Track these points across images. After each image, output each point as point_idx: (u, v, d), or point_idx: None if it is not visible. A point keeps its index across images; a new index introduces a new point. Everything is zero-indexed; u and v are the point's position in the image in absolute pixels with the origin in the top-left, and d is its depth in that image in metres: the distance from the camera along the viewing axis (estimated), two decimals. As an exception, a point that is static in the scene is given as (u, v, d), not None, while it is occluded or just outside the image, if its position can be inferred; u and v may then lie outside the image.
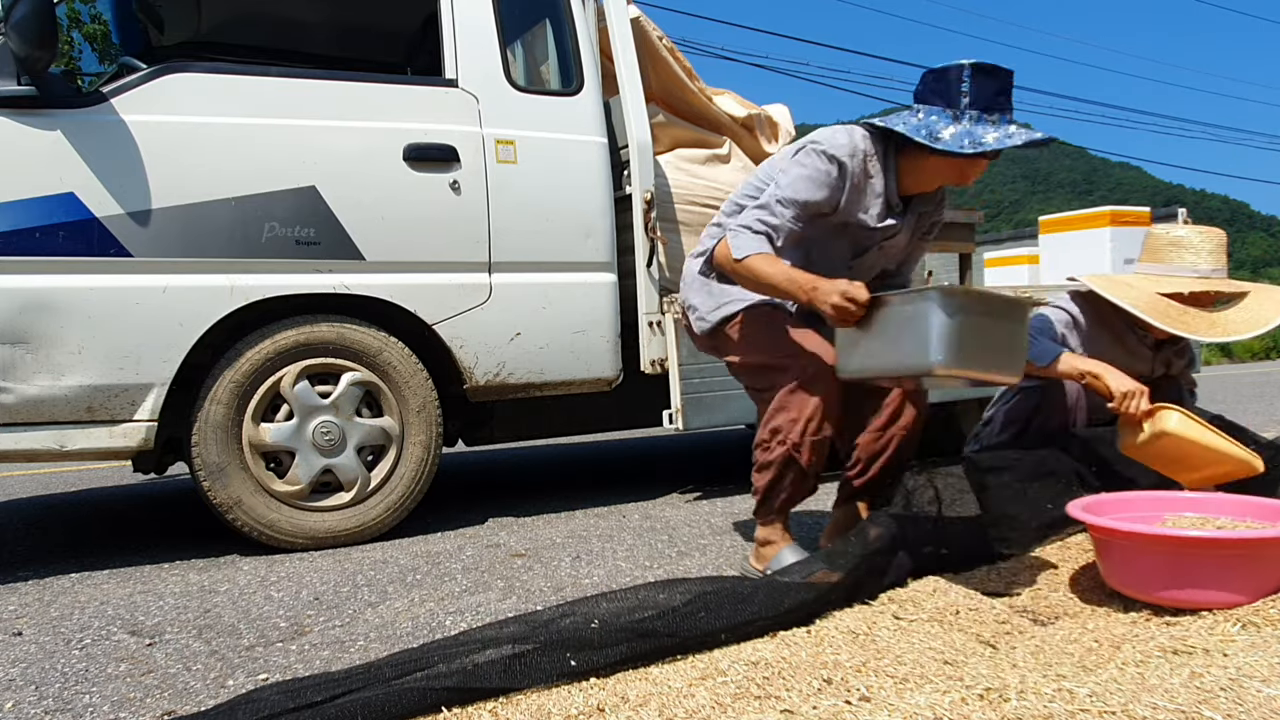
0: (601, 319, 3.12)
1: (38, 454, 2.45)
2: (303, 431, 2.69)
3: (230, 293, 2.60)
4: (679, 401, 3.07)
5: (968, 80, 1.89)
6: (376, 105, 2.82)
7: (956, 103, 1.90)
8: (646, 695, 1.37)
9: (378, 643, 1.85)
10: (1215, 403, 6.70)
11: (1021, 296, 2.06)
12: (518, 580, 2.30)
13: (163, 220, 2.52)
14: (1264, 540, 1.63)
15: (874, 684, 1.38)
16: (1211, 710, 1.21)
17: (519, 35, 3.36)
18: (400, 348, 2.82)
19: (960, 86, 1.90)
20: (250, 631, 1.96)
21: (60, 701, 1.59)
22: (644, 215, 3.13)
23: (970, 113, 1.89)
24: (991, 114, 1.88)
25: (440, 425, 2.91)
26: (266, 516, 2.66)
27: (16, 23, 2.29)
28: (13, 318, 2.37)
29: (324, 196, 2.69)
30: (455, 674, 1.37)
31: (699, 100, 3.65)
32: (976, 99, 1.88)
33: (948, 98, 1.91)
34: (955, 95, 1.90)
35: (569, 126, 3.09)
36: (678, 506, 3.27)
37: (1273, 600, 1.68)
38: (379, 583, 2.33)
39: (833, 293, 1.83)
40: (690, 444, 5.42)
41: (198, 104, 2.60)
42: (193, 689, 1.62)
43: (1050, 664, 1.45)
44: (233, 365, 2.61)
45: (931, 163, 1.99)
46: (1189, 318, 2.16)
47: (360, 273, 2.76)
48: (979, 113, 1.88)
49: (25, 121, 2.40)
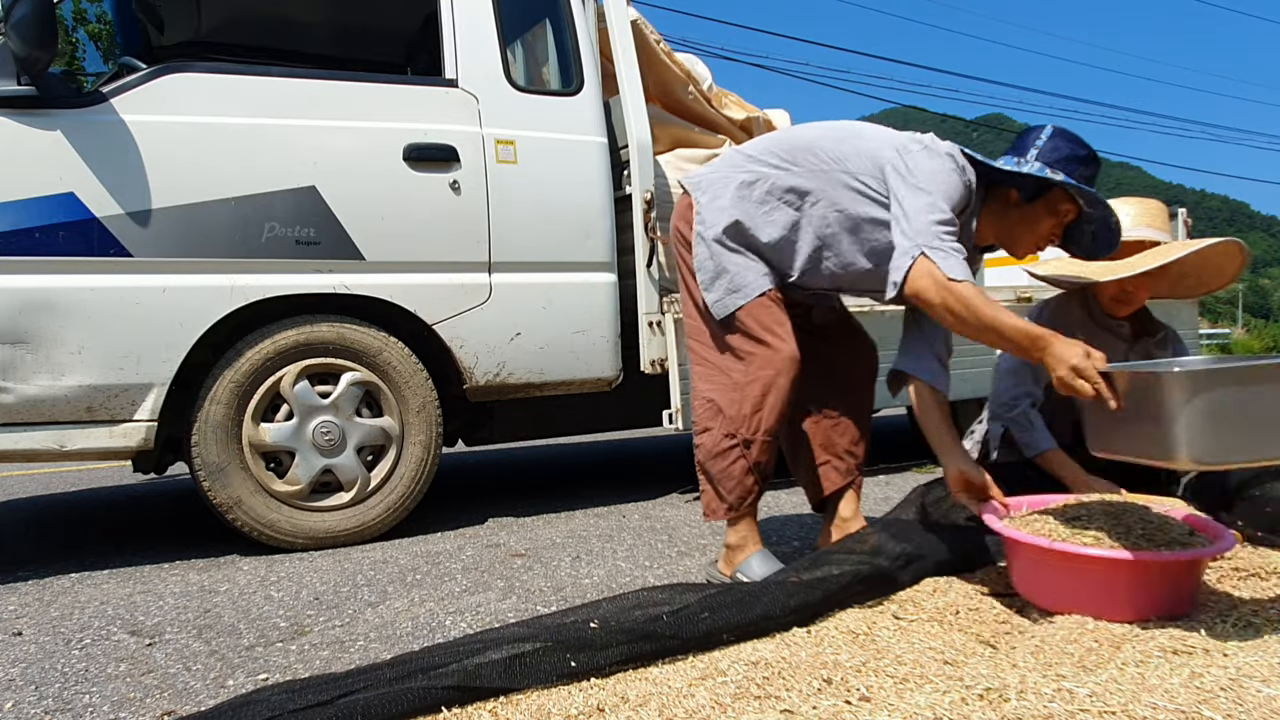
0: (601, 319, 3.12)
1: (38, 454, 2.45)
2: (303, 431, 2.69)
3: (230, 293, 2.59)
4: (679, 401, 3.07)
5: (1046, 137, 1.91)
6: (376, 105, 2.82)
7: (1025, 153, 1.92)
8: (646, 695, 1.37)
9: (378, 643, 1.85)
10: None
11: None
12: (518, 580, 2.30)
13: (163, 220, 2.52)
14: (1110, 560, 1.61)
15: (874, 684, 1.38)
16: (1211, 710, 1.21)
17: (519, 35, 3.36)
18: (400, 348, 2.82)
19: (1036, 140, 1.92)
20: (250, 631, 1.96)
21: (60, 701, 1.59)
22: (644, 215, 3.13)
23: (1034, 164, 1.89)
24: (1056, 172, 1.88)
25: (440, 425, 2.91)
26: (266, 516, 2.66)
27: (16, 23, 2.29)
28: (13, 318, 2.37)
29: (324, 196, 2.69)
30: (455, 674, 1.37)
31: (697, 103, 3.66)
32: (1045, 153, 1.90)
33: (1020, 149, 1.94)
34: (1027, 147, 1.93)
35: (569, 126, 3.09)
36: (678, 506, 3.27)
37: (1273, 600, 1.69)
38: (379, 583, 2.33)
39: (1070, 358, 1.65)
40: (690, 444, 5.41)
41: (198, 104, 2.60)
42: (193, 689, 1.62)
43: (1050, 664, 1.45)
44: (233, 365, 2.61)
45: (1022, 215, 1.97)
46: (1094, 267, 2.21)
47: (360, 273, 2.75)
48: (1043, 166, 1.89)
49: (25, 121, 2.40)
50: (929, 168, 1.84)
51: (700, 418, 2.03)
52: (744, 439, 1.95)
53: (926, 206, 1.79)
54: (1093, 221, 1.98)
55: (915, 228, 1.77)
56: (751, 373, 1.94)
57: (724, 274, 1.96)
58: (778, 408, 1.94)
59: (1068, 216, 1.97)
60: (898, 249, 1.80)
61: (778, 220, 1.96)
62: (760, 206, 1.96)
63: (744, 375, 1.95)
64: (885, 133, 1.99)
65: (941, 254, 1.74)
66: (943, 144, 1.92)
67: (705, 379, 2.03)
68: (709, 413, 2.00)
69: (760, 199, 1.97)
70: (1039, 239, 2.00)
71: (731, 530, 2.05)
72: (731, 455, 1.97)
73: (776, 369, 1.92)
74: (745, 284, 1.95)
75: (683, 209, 2.09)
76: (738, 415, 1.94)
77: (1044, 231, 1.98)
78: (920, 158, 1.86)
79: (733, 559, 2.05)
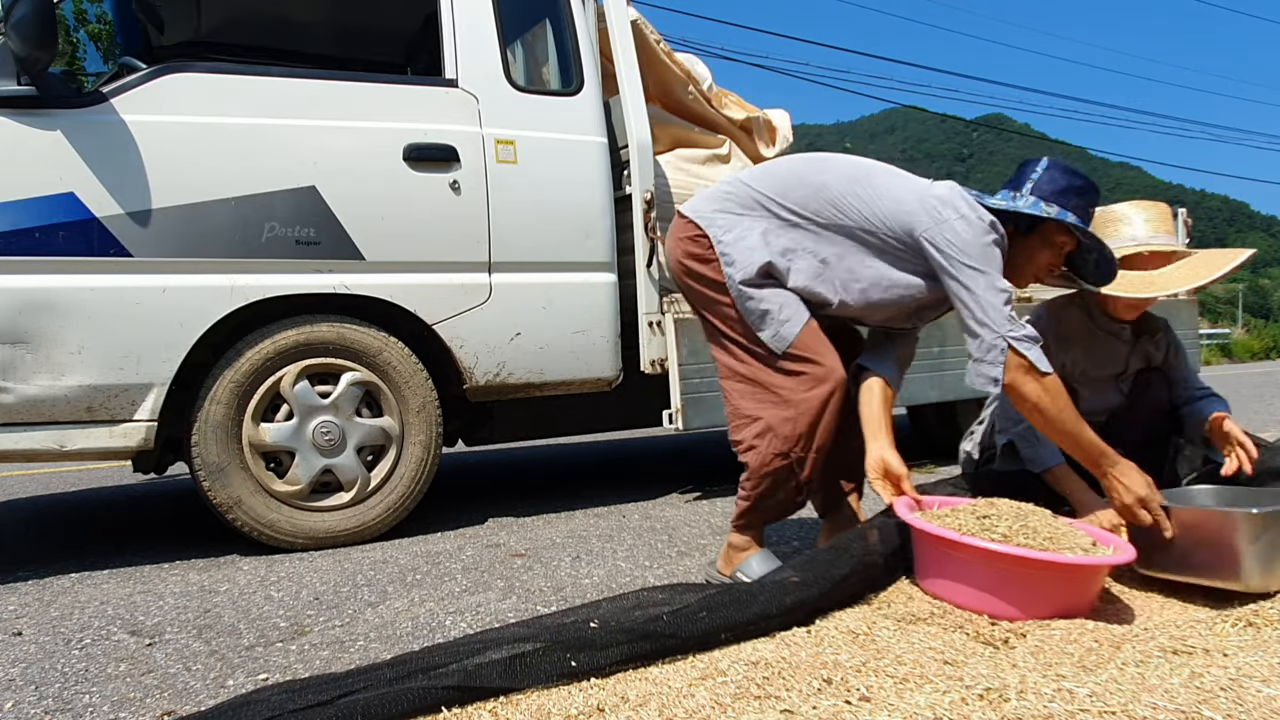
0: (601, 319, 3.12)
1: (38, 454, 2.45)
2: (303, 431, 2.69)
3: (230, 293, 2.59)
4: (679, 401, 3.07)
5: (1042, 169, 1.93)
6: (376, 105, 2.82)
7: (1021, 186, 1.94)
8: (646, 695, 1.37)
9: (378, 643, 1.85)
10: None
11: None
12: (518, 580, 2.30)
13: (163, 220, 2.52)
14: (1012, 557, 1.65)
15: (874, 684, 1.38)
16: (1211, 710, 1.21)
17: (519, 35, 3.36)
18: (400, 348, 2.82)
19: (1032, 174, 1.94)
20: (250, 631, 1.96)
21: (60, 701, 1.59)
22: (644, 215, 3.13)
23: (1029, 197, 1.91)
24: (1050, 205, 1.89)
25: (440, 425, 2.91)
26: (266, 516, 2.66)
27: (16, 23, 2.29)
28: (13, 318, 2.37)
29: (324, 196, 2.69)
30: (455, 674, 1.37)
31: (697, 103, 3.66)
32: (1040, 185, 1.92)
33: (1017, 183, 1.95)
34: (1024, 180, 1.94)
35: (569, 126, 3.09)
36: (678, 506, 3.27)
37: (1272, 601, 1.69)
38: (379, 583, 2.33)
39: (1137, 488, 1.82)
40: (690, 444, 5.42)
41: (198, 104, 2.60)
42: (193, 689, 1.62)
43: (1050, 664, 1.45)
44: (233, 365, 2.61)
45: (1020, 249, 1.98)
46: (1126, 280, 2.20)
47: (360, 273, 2.76)
48: (1037, 199, 1.91)
49: (25, 121, 2.40)
50: (977, 243, 1.84)
51: (744, 437, 1.97)
52: (797, 457, 1.92)
53: (990, 287, 1.82)
54: (1093, 250, 2.01)
55: (990, 316, 1.81)
56: (807, 391, 1.91)
57: (770, 309, 1.93)
58: (830, 425, 1.93)
59: (1066, 247, 2.00)
60: (980, 338, 1.84)
61: (803, 270, 1.95)
62: (784, 257, 1.95)
63: (796, 394, 1.91)
64: (906, 187, 1.94)
65: (1027, 345, 1.81)
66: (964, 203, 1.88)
67: (749, 397, 1.97)
68: (754, 431, 1.95)
69: (784, 250, 1.95)
70: (1038, 270, 2.03)
71: (739, 533, 2.06)
72: (783, 474, 1.94)
73: (831, 387, 1.91)
74: (794, 313, 1.93)
75: (687, 239, 2.01)
76: (792, 434, 1.90)
77: (1042, 263, 2.02)
78: (960, 229, 1.84)
79: (733, 559, 2.06)
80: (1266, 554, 1.72)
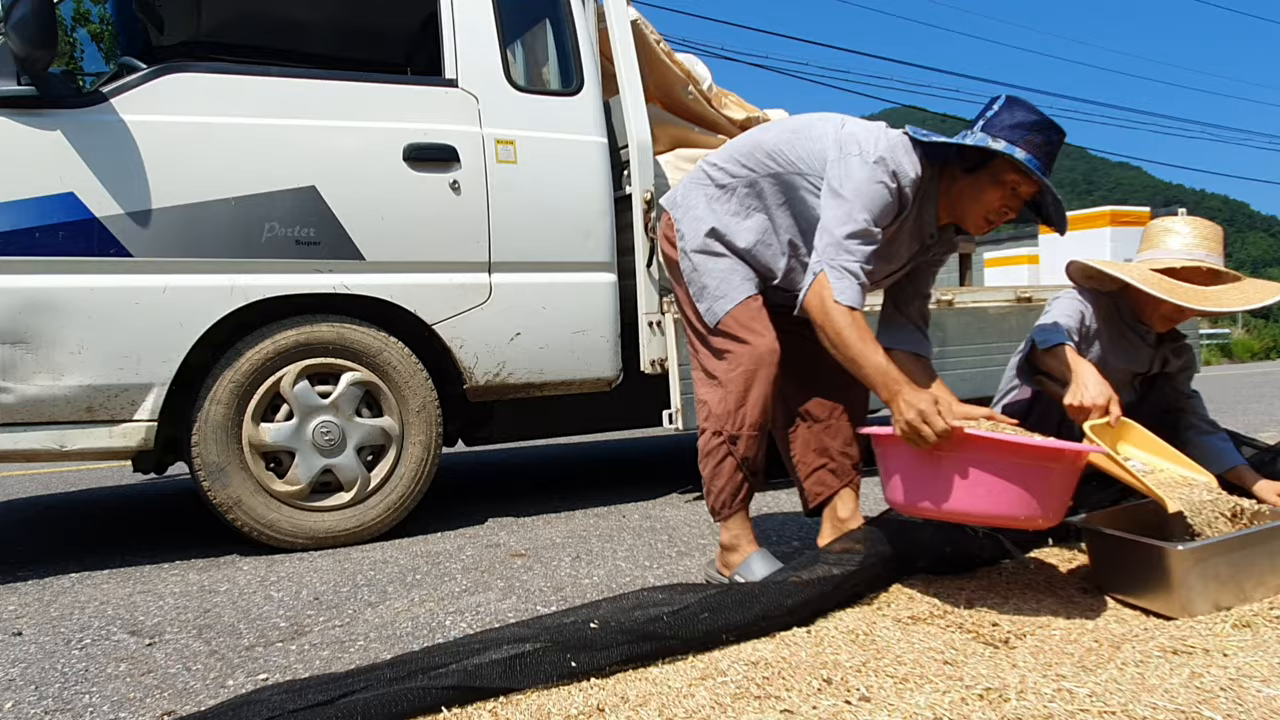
0: (601, 319, 3.12)
1: (38, 454, 2.45)
2: (303, 431, 2.69)
3: (230, 293, 2.59)
4: (679, 401, 3.07)
5: (998, 106, 1.85)
6: (376, 105, 2.82)
7: (975, 124, 1.88)
8: (646, 695, 1.37)
9: (378, 643, 1.85)
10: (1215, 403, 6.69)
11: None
12: (518, 580, 2.30)
13: (163, 220, 2.52)
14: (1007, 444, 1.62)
15: (874, 684, 1.38)
16: (1211, 710, 1.21)
17: (519, 35, 3.36)
18: (400, 348, 2.82)
19: (988, 111, 1.87)
20: (250, 631, 1.96)
21: (60, 701, 1.60)
22: (644, 215, 3.13)
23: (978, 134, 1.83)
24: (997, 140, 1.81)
25: (440, 425, 2.91)
26: (266, 516, 2.66)
27: (16, 23, 2.29)
28: (13, 318, 2.37)
29: (324, 196, 2.69)
30: (455, 674, 1.37)
31: (697, 103, 3.66)
32: (992, 122, 1.83)
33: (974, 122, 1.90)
34: (979, 118, 1.89)
35: (569, 126, 3.09)
36: (678, 506, 3.27)
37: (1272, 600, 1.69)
38: (379, 583, 2.33)
39: (918, 401, 1.66)
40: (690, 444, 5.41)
41: (197, 104, 2.60)
42: (193, 689, 1.62)
43: (1050, 664, 1.45)
44: (233, 365, 2.61)
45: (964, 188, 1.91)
46: (1181, 289, 2.19)
47: (360, 273, 2.75)
48: (985, 135, 1.82)
49: (25, 121, 2.40)
50: (858, 177, 1.82)
51: (697, 422, 2.08)
52: (730, 435, 1.98)
53: (842, 217, 1.81)
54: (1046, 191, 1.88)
55: (825, 240, 1.82)
56: (733, 369, 1.97)
57: (708, 284, 2.00)
58: (760, 402, 1.96)
59: (1019, 187, 1.86)
60: (810, 260, 1.86)
61: (751, 226, 2.00)
62: (733, 216, 2.00)
63: (725, 373, 1.98)
64: (837, 128, 1.93)
65: (837, 274, 1.78)
66: (883, 143, 1.85)
67: (700, 383, 2.09)
68: (702, 414, 2.05)
69: (731, 208, 2.01)
70: (988, 209, 1.90)
71: (724, 529, 2.06)
72: (720, 453, 2.00)
73: (756, 362, 1.95)
74: (730, 290, 1.99)
75: (665, 228, 2.14)
76: (723, 412, 1.98)
77: (991, 203, 1.89)
78: (853, 165, 1.84)
79: (727, 558, 2.06)
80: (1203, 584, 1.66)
